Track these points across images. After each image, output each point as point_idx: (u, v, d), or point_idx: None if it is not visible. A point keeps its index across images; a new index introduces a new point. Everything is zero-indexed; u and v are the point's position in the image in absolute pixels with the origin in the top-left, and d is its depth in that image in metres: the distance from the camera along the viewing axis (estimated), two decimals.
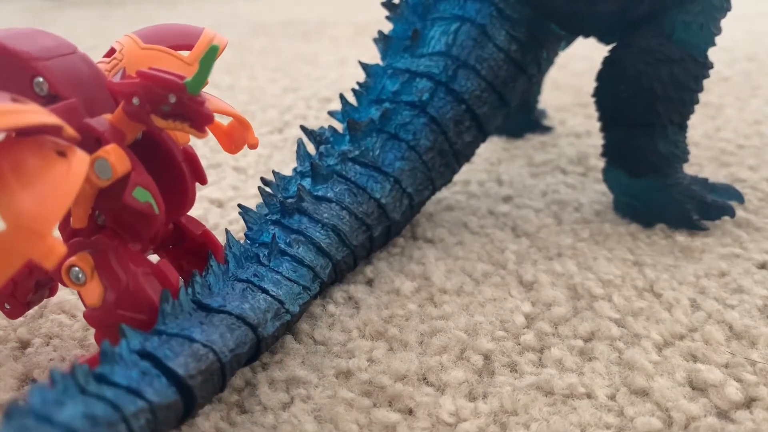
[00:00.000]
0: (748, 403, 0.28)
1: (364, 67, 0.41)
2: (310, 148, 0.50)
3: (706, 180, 0.42)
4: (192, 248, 0.31)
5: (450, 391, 0.29)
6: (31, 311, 0.34)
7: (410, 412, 0.28)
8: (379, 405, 0.28)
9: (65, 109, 0.25)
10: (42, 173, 0.21)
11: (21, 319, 0.34)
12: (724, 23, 0.40)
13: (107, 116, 0.26)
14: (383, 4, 0.42)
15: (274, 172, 0.37)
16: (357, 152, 0.37)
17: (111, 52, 0.31)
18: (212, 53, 0.24)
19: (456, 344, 0.31)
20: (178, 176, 0.29)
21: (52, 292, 0.33)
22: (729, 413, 0.27)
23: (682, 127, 0.40)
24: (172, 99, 0.25)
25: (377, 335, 0.32)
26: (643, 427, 0.26)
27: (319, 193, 0.35)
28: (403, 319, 0.33)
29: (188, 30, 0.32)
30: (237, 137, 0.31)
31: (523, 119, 0.57)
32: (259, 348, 0.29)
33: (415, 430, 0.27)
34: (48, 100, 0.26)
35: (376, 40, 0.42)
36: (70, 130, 0.23)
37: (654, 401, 0.28)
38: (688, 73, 0.39)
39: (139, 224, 0.27)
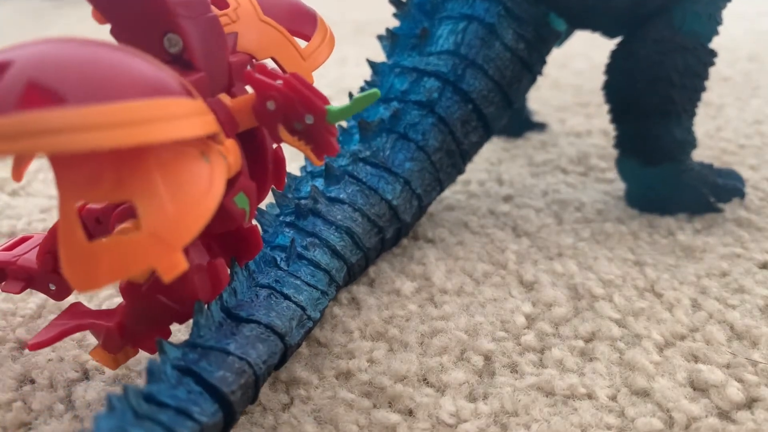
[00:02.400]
0: (750, 403, 0.28)
1: (372, 65, 0.41)
2: None
3: (711, 165, 0.43)
4: (230, 235, 0.29)
5: (450, 392, 0.29)
6: (29, 311, 0.34)
7: (410, 412, 0.28)
8: (379, 406, 0.28)
9: (196, 84, 0.23)
10: (187, 177, 0.19)
11: (19, 319, 0.33)
12: (725, 23, 0.41)
13: (226, 99, 0.24)
14: (391, 1, 0.41)
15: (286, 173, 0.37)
16: (368, 152, 0.37)
17: (222, 2, 0.27)
18: (370, 98, 0.23)
19: (456, 345, 0.31)
20: (261, 176, 0.27)
21: None
22: (730, 414, 0.27)
23: (693, 115, 0.41)
24: (309, 120, 0.23)
25: (377, 336, 0.32)
26: (644, 428, 0.26)
27: (332, 195, 0.35)
28: (403, 320, 0.33)
29: (305, 12, 0.29)
30: None
31: (517, 119, 0.57)
32: (285, 357, 0.28)
33: (416, 430, 0.27)
34: (174, 59, 0.23)
35: (381, 38, 0.42)
36: (222, 138, 0.21)
37: (655, 402, 0.28)
38: (700, 62, 0.40)
39: (219, 224, 0.25)
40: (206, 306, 0.26)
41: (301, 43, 0.30)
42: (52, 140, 0.17)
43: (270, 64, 0.27)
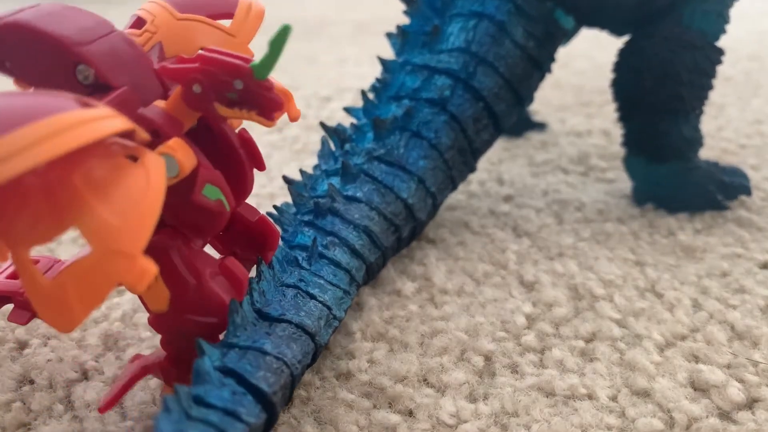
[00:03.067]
0: (750, 403, 0.28)
1: (383, 62, 0.40)
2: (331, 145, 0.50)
3: (716, 163, 0.43)
4: (244, 233, 0.29)
5: (450, 392, 0.28)
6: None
7: (410, 413, 0.28)
8: (379, 406, 0.28)
9: (120, 100, 0.23)
10: (119, 184, 0.19)
11: None
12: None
13: (160, 103, 0.24)
14: None
15: (301, 171, 0.36)
16: (383, 151, 0.37)
17: (138, 22, 0.28)
18: (284, 34, 0.21)
19: (456, 345, 0.31)
20: (236, 163, 0.26)
21: None
22: (731, 414, 0.27)
23: (701, 113, 0.42)
24: (239, 85, 0.22)
25: (378, 336, 0.32)
26: (644, 428, 0.26)
27: (349, 193, 0.35)
28: (403, 320, 0.33)
29: None
30: None
31: (518, 119, 0.57)
32: (315, 357, 0.28)
33: (416, 431, 0.27)
34: (93, 88, 0.23)
35: (390, 35, 0.42)
36: (141, 133, 0.20)
37: (656, 402, 0.28)
38: (708, 60, 0.40)
39: (205, 222, 0.25)
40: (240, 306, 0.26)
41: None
42: None
43: None
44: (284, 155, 0.55)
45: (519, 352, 0.31)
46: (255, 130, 0.29)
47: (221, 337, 0.26)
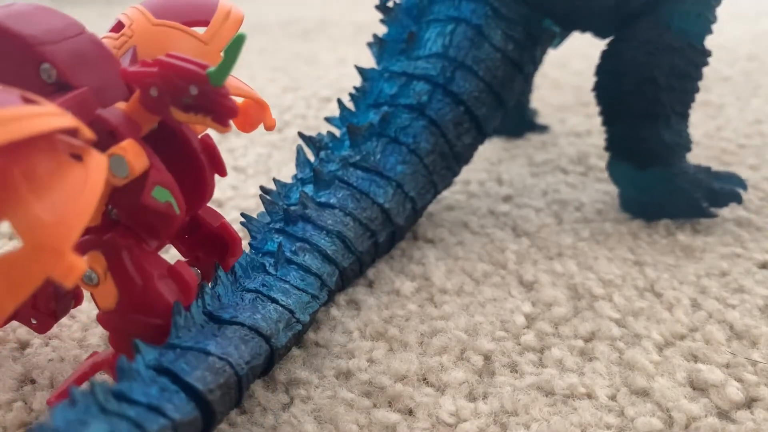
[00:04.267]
0: (749, 403, 0.28)
1: (361, 71, 0.41)
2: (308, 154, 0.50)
3: (709, 168, 0.42)
4: (208, 238, 0.30)
5: (450, 392, 0.29)
6: None
7: (410, 412, 0.28)
8: (379, 405, 0.28)
9: (76, 100, 0.23)
10: (58, 181, 0.19)
11: None
12: (725, 23, 0.40)
13: (121, 105, 0.24)
14: (377, 7, 0.41)
15: (274, 180, 0.37)
16: (358, 157, 0.37)
17: (118, 26, 0.29)
18: (238, 43, 0.22)
19: (456, 344, 0.31)
20: (197, 168, 0.27)
21: (78, 299, 0.31)
22: (730, 413, 0.27)
23: (685, 117, 0.40)
24: (194, 91, 0.23)
25: (377, 336, 0.32)
26: (643, 428, 0.26)
27: (322, 200, 0.35)
28: (403, 320, 0.33)
29: (202, 3, 0.30)
30: (252, 116, 0.29)
31: (517, 119, 0.57)
32: (272, 360, 0.28)
33: (415, 430, 0.27)
34: (56, 87, 0.24)
35: (370, 44, 0.42)
36: (86, 132, 0.21)
37: (655, 401, 0.28)
38: (689, 62, 0.39)
39: (158, 223, 0.25)
40: (186, 308, 0.26)
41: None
42: None
43: None
44: (284, 155, 0.56)
45: (518, 351, 0.31)
46: (256, 129, 0.29)
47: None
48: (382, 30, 0.43)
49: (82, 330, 0.33)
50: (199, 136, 0.27)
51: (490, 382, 0.29)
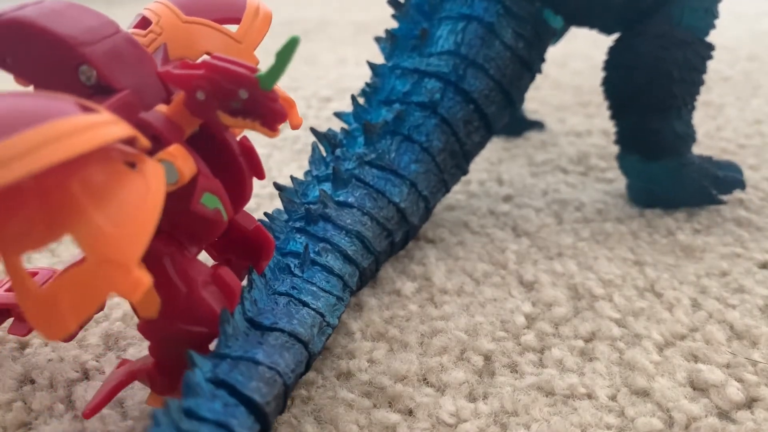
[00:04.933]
0: (749, 403, 0.28)
1: (372, 67, 0.40)
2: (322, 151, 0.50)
3: (710, 158, 0.43)
4: (242, 241, 0.29)
5: (450, 392, 0.29)
6: None
7: (410, 412, 0.28)
8: (379, 406, 0.28)
9: (121, 104, 0.22)
10: (117, 192, 0.18)
11: None
12: (725, 23, 0.41)
13: (163, 108, 0.23)
14: (389, 2, 0.41)
15: (292, 177, 0.36)
16: (374, 155, 0.37)
17: (144, 22, 0.27)
18: (291, 46, 0.21)
19: (456, 345, 0.31)
20: (236, 172, 0.26)
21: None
22: (730, 413, 0.27)
23: (693, 109, 0.42)
24: (244, 95, 0.22)
25: (378, 336, 0.32)
26: (644, 428, 0.26)
27: (341, 199, 0.35)
28: (403, 320, 0.33)
29: (230, 0, 0.29)
30: None
31: (512, 119, 0.57)
32: (309, 366, 0.28)
33: (416, 430, 0.27)
34: (95, 89, 0.23)
35: (379, 39, 0.41)
36: (143, 140, 0.20)
37: (655, 401, 0.28)
38: (699, 55, 0.40)
39: (202, 230, 0.24)
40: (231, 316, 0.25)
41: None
42: None
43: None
44: (284, 155, 0.56)
45: (518, 351, 0.31)
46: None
47: (212, 347, 0.25)
48: (382, 31, 0.43)
49: (82, 330, 0.33)
50: (238, 138, 0.27)
51: (490, 382, 0.29)
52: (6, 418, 0.27)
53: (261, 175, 0.27)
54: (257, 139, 0.59)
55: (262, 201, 0.46)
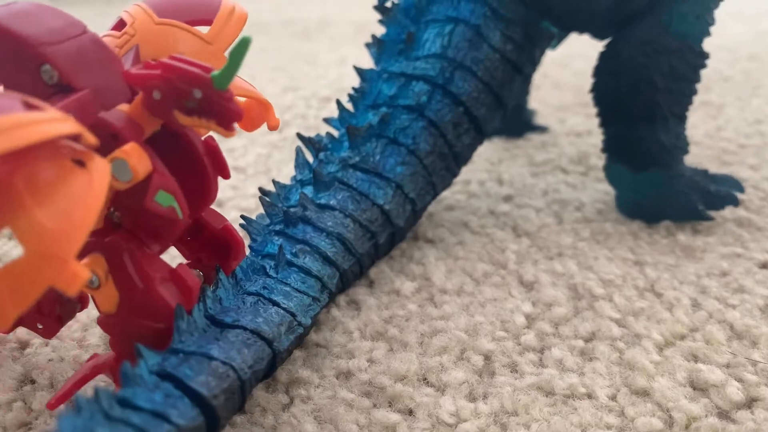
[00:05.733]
0: (749, 403, 0.28)
1: (359, 72, 0.40)
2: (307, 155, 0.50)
3: (706, 171, 0.42)
4: (211, 241, 0.30)
5: (450, 392, 0.29)
6: None
7: (410, 412, 0.28)
8: (379, 405, 0.28)
9: (78, 103, 0.23)
10: (60, 188, 0.19)
11: None
12: (725, 23, 0.40)
13: (124, 108, 0.24)
14: (376, 8, 0.41)
15: (274, 182, 0.36)
16: (357, 158, 0.37)
17: (120, 24, 0.28)
18: (243, 46, 0.21)
19: (456, 344, 0.31)
20: (200, 171, 0.26)
21: (84, 303, 0.31)
22: (730, 413, 0.27)
23: (683, 119, 0.40)
24: (198, 94, 0.22)
25: (377, 336, 0.32)
26: (644, 428, 0.26)
27: (322, 201, 0.35)
28: (403, 320, 0.33)
29: (205, 2, 0.29)
30: (256, 116, 0.28)
31: (516, 120, 0.57)
32: (274, 363, 0.28)
33: (415, 430, 0.27)
34: (57, 89, 0.24)
35: (368, 45, 0.42)
36: (89, 137, 0.20)
37: (655, 401, 0.28)
38: (687, 64, 0.39)
39: (161, 227, 0.25)
40: (187, 312, 0.26)
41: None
42: None
43: None
44: (284, 155, 0.56)
45: (518, 351, 0.31)
46: (257, 129, 0.29)
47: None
48: (382, 30, 0.43)
49: (82, 330, 0.33)
50: (203, 138, 0.27)
51: (490, 382, 0.29)
52: (6, 418, 0.27)
53: (226, 175, 0.28)
54: (257, 140, 0.59)
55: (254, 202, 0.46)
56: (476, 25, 0.39)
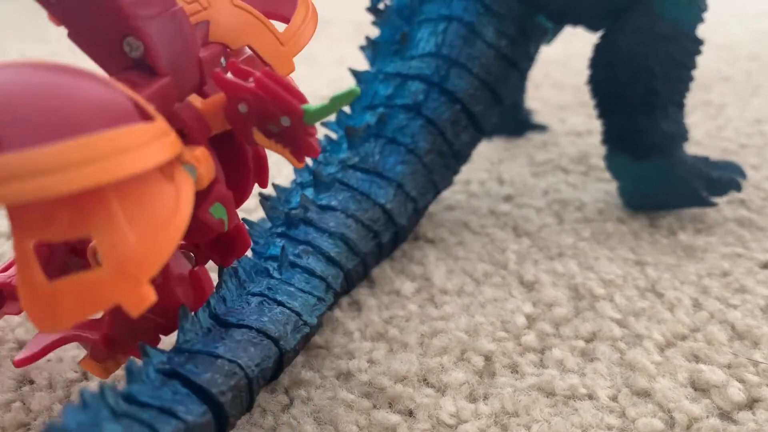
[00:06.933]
0: (751, 403, 0.28)
1: (355, 74, 0.40)
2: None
3: (707, 158, 0.42)
4: (218, 236, 0.28)
5: (450, 392, 0.28)
6: None
7: (410, 413, 0.28)
8: (379, 406, 0.28)
9: (161, 92, 0.21)
10: (149, 203, 0.18)
11: (18, 319, 0.33)
12: (725, 23, 0.40)
13: (196, 102, 0.23)
14: (369, 9, 0.41)
15: (274, 185, 0.36)
16: (357, 159, 0.37)
17: None
18: (349, 96, 0.21)
19: (456, 345, 0.31)
20: (243, 176, 0.26)
21: None
22: (731, 414, 0.27)
23: (681, 106, 0.40)
24: (286, 122, 0.22)
25: (377, 336, 0.32)
26: (645, 428, 0.26)
27: (323, 202, 0.35)
28: (403, 320, 0.33)
29: None
30: None
31: (514, 119, 0.57)
32: (281, 363, 0.28)
33: (416, 431, 0.26)
34: (135, 63, 0.22)
35: (363, 47, 0.42)
36: (187, 156, 0.19)
37: (656, 402, 0.28)
38: (683, 50, 0.39)
39: (199, 234, 0.24)
40: (192, 312, 0.26)
41: (282, 26, 0.28)
42: None
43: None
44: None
45: (519, 352, 0.31)
46: None
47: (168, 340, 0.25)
48: (378, 32, 0.42)
49: None
50: None
51: (490, 382, 0.29)
52: (5, 419, 0.27)
53: (264, 184, 0.27)
54: None
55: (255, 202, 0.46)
56: (470, 22, 0.39)
